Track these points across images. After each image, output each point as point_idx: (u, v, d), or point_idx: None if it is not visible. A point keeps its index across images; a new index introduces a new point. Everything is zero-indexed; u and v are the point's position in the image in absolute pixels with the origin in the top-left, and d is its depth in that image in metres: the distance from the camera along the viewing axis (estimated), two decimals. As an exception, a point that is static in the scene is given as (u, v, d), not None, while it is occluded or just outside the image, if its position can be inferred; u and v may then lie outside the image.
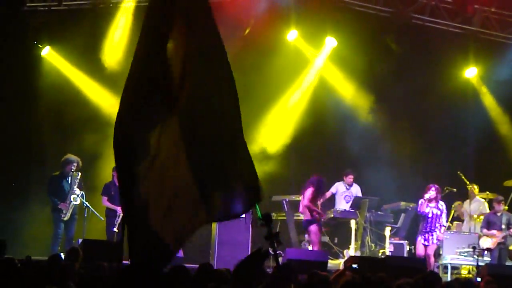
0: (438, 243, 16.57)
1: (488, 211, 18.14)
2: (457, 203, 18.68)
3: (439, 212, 16.35)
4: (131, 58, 5.87)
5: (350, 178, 18.52)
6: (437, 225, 16.31)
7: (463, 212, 18.61)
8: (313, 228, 16.32)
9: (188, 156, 5.29)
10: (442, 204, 16.48)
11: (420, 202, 16.45)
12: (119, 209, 16.54)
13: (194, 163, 5.28)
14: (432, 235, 16.29)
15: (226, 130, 5.41)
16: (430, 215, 16.29)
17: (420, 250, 16.35)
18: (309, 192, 16.34)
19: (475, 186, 18.49)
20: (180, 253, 14.81)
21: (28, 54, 18.17)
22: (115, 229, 16.38)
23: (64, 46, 18.33)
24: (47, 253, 14.39)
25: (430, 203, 16.35)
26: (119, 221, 16.50)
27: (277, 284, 6.07)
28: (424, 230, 16.36)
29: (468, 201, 18.58)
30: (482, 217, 17.84)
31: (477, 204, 18.39)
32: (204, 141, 5.37)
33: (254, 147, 19.18)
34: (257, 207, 5.32)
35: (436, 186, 16.43)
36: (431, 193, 16.31)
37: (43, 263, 10.16)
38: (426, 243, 16.30)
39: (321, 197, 16.95)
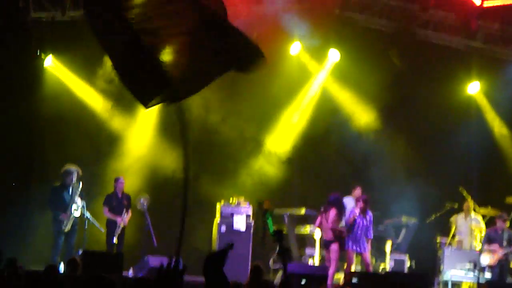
0: (362, 251, 16.38)
1: (483, 226, 18.08)
2: (454, 217, 18.53)
3: (368, 224, 16.26)
4: None
5: (358, 191, 18.40)
6: (362, 235, 16.20)
7: (458, 227, 18.46)
8: (335, 246, 16.17)
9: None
10: (370, 217, 16.35)
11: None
12: (119, 219, 16.55)
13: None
14: (356, 244, 16.15)
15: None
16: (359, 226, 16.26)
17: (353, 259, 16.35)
18: (332, 213, 16.23)
19: (471, 203, 18.34)
20: (180, 265, 14.77)
21: (31, 64, 18.17)
22: (114, 240, 16.36)
23: (67, 57, 18.34)
24: (46, 263, 14.34)
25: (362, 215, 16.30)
26: (119, 232, 16.49)
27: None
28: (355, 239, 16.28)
29: (462, 215, 18.38)
30: (482, 231, 17.76)
31: (474, 221, 18.25)
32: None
33: (255, 161, 19.17)
34: (270, 222, 5.39)
35: (365, 198, 16.36)
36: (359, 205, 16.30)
37: (40, 273, 10.15)
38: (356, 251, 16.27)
39: (343, 215, 16.78)
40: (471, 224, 18.18)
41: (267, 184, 18.99)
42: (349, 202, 18.43)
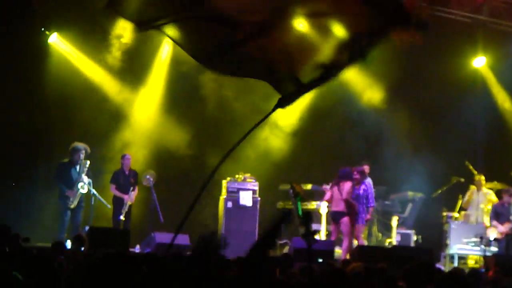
0: (363, 223, 16.42)
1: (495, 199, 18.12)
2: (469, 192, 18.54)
3: (363, 194, 16.27)
4: (140, 46, 6.09)
5: (366, 168, 18.39)
6: (362, 206, 16.22)
7: (471, 201, 18.52)
8: (345, 220, 16.16)
9: None
10: (367, 186, 16.35)
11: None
12: (126, 197, 16.58)
13: None
14: (357, 216, 16.24)
15: None
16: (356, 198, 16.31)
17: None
18: (348, 185, 16.20)
19: (482, 177, 18.39)
20: (187, 241, 14.83)
21: (35, 41, 18.13)
22: (121, 217, 16.40)
23: (72, 33, 18.29)
24: (53, 240, 14.39)
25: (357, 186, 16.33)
26: (126, 210, 16.52)
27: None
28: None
29: (475, 190, 18.48)
30: (489, 206, 17.78)
31: (485, 195, 18.29)
32: None
33: (259, 137, 19.14)
34: (299, 205, 5.43)
35: (358, 169, 16.35)
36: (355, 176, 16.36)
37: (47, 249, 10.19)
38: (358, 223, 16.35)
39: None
40: (483, 198, 18.15)
41: (273, 159, 18.99)
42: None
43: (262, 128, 19.09)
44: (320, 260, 13.22)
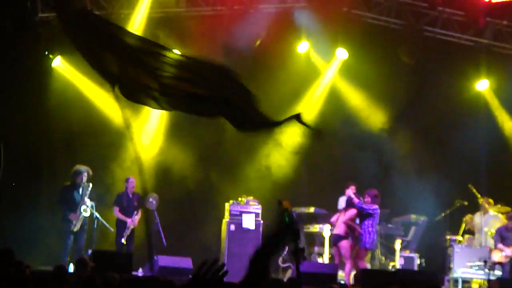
0: (368, 246, 16.28)
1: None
2: (468, 216, 18.57)
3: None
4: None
5: (352, 190, 18.41)
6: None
7: (474, 225, 18.51)
8: (344, 243, 16.22)
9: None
10: (375, 212, 16.31)
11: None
12: (129, 220, 16.56)
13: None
14: (360, 240, 16.22)
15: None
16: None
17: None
18: (353, 212, 16.27)
19: (490, 200, 18.36)
20: (190, 265, 14.79)
21: (39, 65, 18.19)
22: (123, 241, 16.36)
23: (76, 57, 18.30)
24: (55, 263, 14.36)
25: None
26: (128, 233, 16.49)
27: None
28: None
29: (480, 214, 18.46)
30: (493, 230, 17.73)
31: (493, 218, 18.24)
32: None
33: (264, 159, 19.15)
34: (287, 222, 5.40)
35: (370, 192, 16.30)
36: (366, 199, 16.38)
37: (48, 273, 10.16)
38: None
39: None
40: (490, 221, 18.11)
41: (276, 182, 18.97)
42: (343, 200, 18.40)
43: (266, 155, 19.12)
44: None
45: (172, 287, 5.21)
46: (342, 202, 17.17)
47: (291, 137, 19.53)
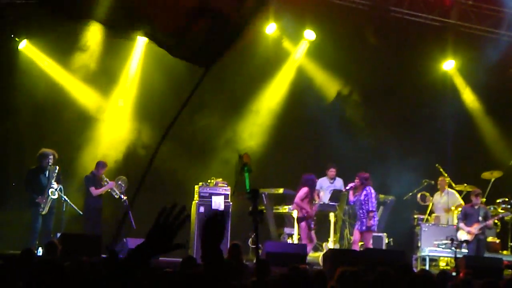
0: (365, 228, 16.48)
1: (461, 201, 18.33)
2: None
3: (364, 199, 16.40)
4: (111, 51, 6.27)
5: (332, 172, 18.57)
6: (362, 212, 16.36)
7: (435, 204, 18.72)
8: (302, 224, 16.50)
9: None
10: (368, 192, 16.46)
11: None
12: (111, 183, 16.62)
13: None
14: (358, 222, 16.42)
15: None
16: (357, 203, 16.47)
17: (355, 236, 16.67)
18: (303, 191, 16.45)
19: (447, 179, 18.65)
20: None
21: (5, 48, 18.02)
22: (123, 197, 16.53)
23: (42, 40, 18.19)
24: (24, 247, 14.30)
25: (356, 192, 16.50)
26: (121, 190, 16.62)
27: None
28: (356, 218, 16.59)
29: (439, 193, 18.71)
30: (460, 208, 17.93)
31: (451, 196, 18.52)
32: None
33: (233, 141, 19.15)
34: (247, 178, 5.40)
35: (361, 175, 16.50)
36: (355, 182, 16.52)
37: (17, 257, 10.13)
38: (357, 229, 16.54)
39: (313, 196, 16.88)
40: (447, 200, 18.39)
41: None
42: (324, 182, 18.54)
43: (236, 137, 19.11)
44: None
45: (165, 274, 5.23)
46: (324, 182, 17.52)
47: (260, 118, 19.61)
